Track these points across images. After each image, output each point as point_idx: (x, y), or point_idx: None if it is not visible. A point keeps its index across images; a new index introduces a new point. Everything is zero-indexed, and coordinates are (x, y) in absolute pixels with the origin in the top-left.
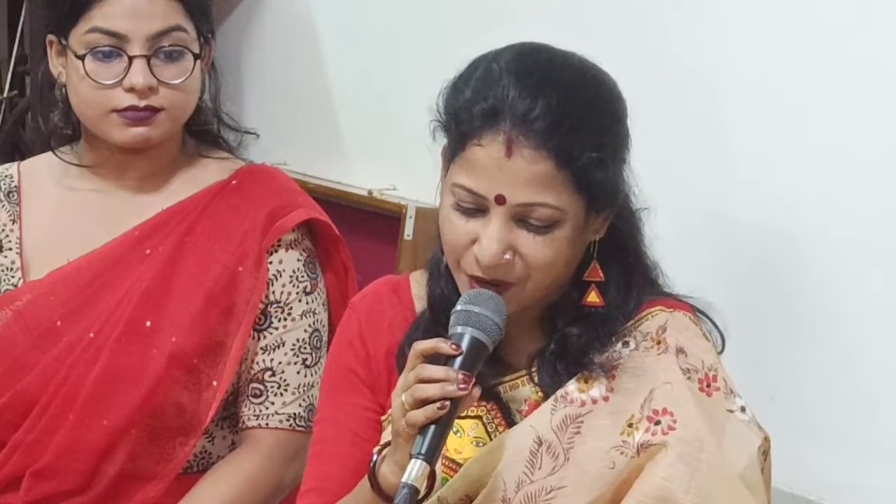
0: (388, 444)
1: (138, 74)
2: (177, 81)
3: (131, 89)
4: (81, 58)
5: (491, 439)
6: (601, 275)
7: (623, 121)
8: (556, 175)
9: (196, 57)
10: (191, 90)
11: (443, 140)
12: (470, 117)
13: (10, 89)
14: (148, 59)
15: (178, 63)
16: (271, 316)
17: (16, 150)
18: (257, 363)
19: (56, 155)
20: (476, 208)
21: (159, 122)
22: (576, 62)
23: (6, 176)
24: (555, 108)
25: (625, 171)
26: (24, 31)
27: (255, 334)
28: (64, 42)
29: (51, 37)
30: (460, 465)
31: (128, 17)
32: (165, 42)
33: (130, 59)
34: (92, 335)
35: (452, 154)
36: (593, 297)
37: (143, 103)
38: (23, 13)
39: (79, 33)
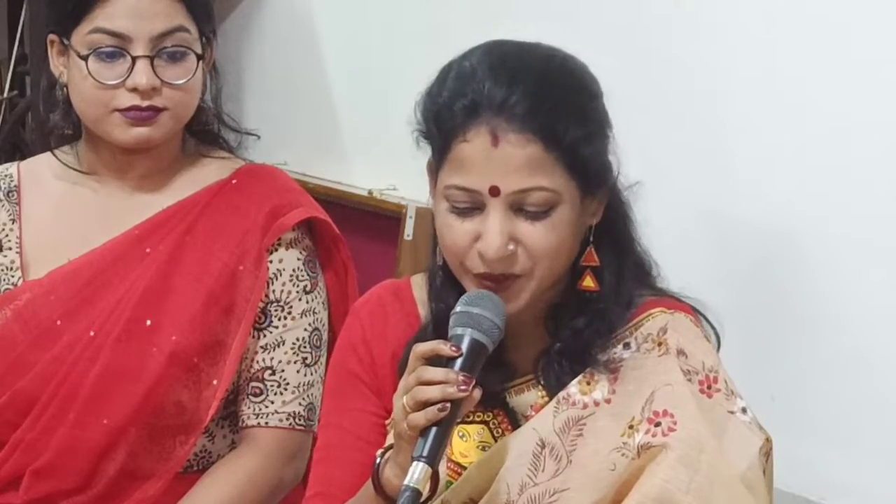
0: (391, 446)
1: (141, 75)
2: (180, 82)
3: (134, 89)
4: (84, 58)
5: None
6: (596, 259)
7: (600, 98)
8: (546, 156)
9: (199, 58)
10: (193, 90)
11: (427, 149)
12: (451, 115)
13: (10, 89)
14: (151, 59)
15: (181, 63)
16: (271, 315)
17: (16, 150)
18: (257, 362)
19: (56, 157)
20: (472, 206)
21: (162, 123)
22: (544, 48)
23: (6, 175)
24: (532, 91)
25: (611, 148)
26: (24, 31)
27: (256, 333)
28: (66, 42)
29: (52, 36)
30: (465, 469)
31: (131, 17)
32: (168, 43)
33: (134, 59)
34: (92, 334)
35: (439, 158)
36: (588, 282)
37: (145, 103)
38: (23, 13)
39: (81, 33)
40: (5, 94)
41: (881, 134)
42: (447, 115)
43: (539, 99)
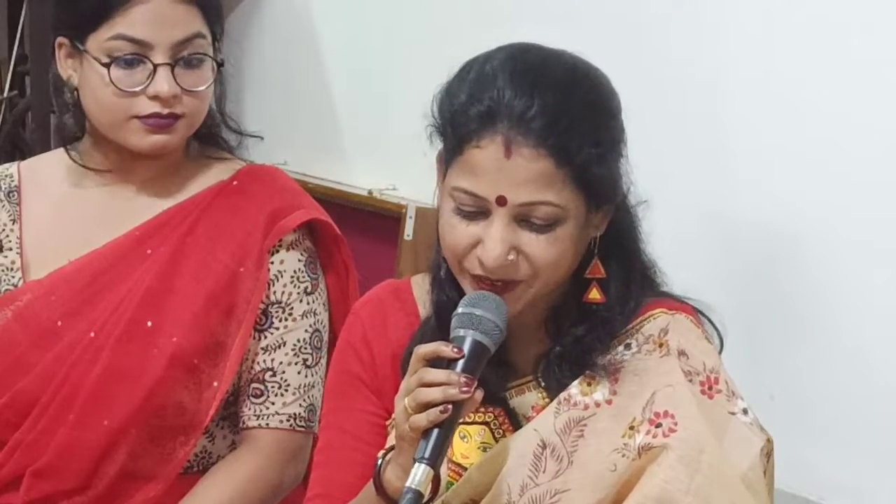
0: (392, 447)
1: (163, 82)
2: (199, 89)
3: (155, 97)
4: (107, 66)
5: None
6: (602, 271)
7: (618, 115)
8: (556, 173)
9: (216, 63)
10: (207, 96)
11: (439, 144)
12: (466, 120)
13: (10, 89)
14: (172, 67)
15: (199, 70)
16: (272, 316)
17: (16, 150)
18: (258, 363)
19: (70, 157)
20: (477, 211)
21: (179, 129)
22: (568, 59)
23: (6, 175)
24: (551, 106)
25: (623, 165)
26: (24, 31)
27: (256, 334)
28: (80, 46)
29: (61, 39)
30: (466, 470)
31: (152, 24)
32: (187, 50)
33: (155, 66)
34: (92, 335)
35: (450, 158)
36: (595, 294)
37: (166, 111)
38: (23, 13)
39: (100, 39)
40: (5, 94)
41: (881, 134)
42: (462, 117)
43: (557, 115)
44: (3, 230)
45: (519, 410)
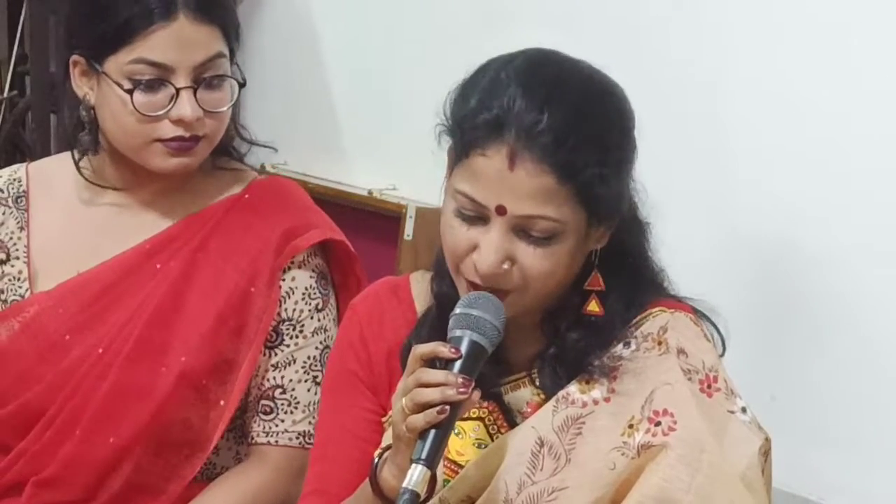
0: (389, 446)
1: (186, 106)
2: (221, 110)
3: (179, 121)
4: (129, 91)
5: (492, 441)
6: (602, 284)
7: (630, 134)
8: (559, 189)
9: (238, 83)
10: (228, 115)
11: (446, 144)
12: (474, 126)
13: (10, 89)
14: (194, 89)
15: (219, 90)
16: (283, 333)
17: (16, 150)
18: (268, 380)
19: (83, 175)
20: (477, 216)
21: (200, 150)
22: (585, 74)
23: (14, 180)
24: (560, 123)
25: (629, 182)
26: (24, 31)
27: (267, 351)
28: (98, 67)
29: (76, 57)
30: (462, 467)
31: (174, 47)
32: (209, 71)
33: (177, 90)
34: (101, 351)
35: (456, 159)
36: (593, 307)
37: (188, 134)
38: (23, 13)
39: (120, 62)
40: (5, 94)
41: (882, 135)
42: (470, 123)
43: (565, 132)
44: (11, 238)
45: (513, 406)
